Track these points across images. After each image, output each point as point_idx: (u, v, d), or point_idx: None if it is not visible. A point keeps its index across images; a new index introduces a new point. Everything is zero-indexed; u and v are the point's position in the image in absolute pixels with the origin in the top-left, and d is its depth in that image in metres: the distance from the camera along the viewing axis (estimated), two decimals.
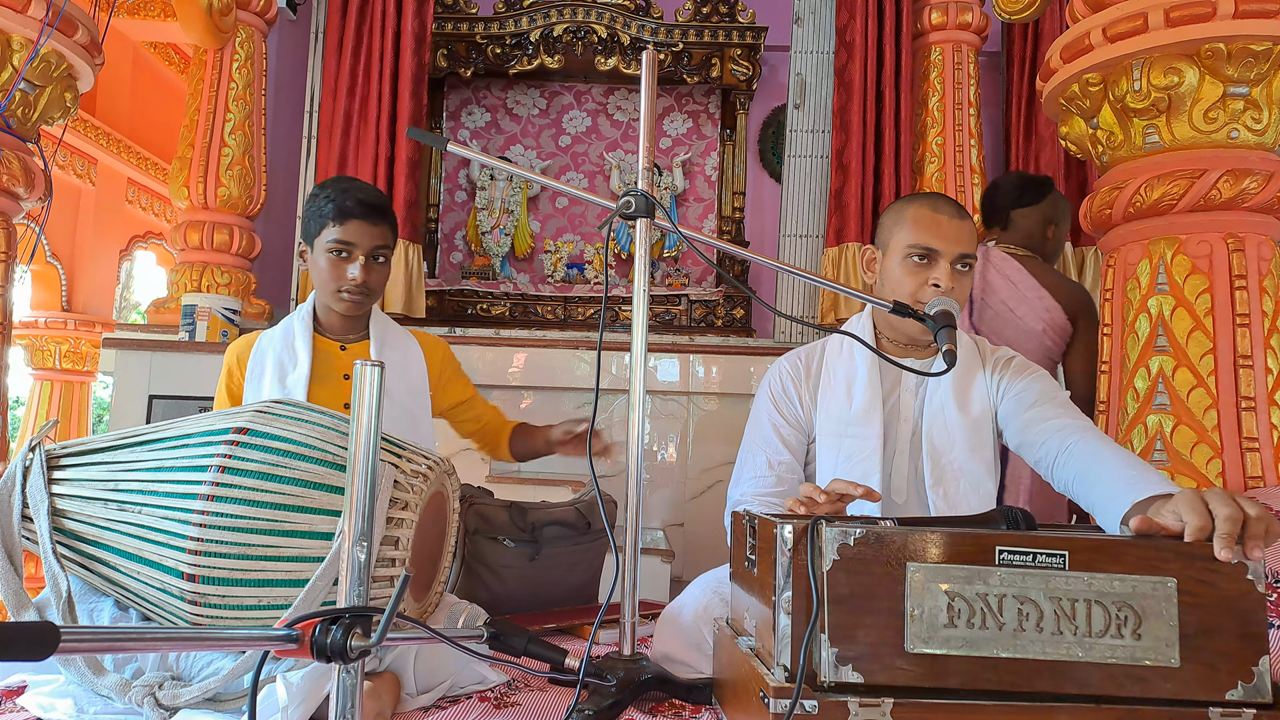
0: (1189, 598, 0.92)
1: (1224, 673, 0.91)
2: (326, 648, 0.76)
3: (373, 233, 1.64)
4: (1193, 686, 0.91)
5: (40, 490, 1.21)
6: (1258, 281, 1.82)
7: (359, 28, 3.58)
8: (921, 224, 1.49)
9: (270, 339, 1.72)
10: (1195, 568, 0.93)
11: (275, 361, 1.67)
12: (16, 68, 2.15)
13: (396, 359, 1.72)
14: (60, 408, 4.95)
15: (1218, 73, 1.79)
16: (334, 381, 1.68)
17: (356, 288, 1.64)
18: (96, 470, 1.24)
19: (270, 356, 1.68)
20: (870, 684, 0.91)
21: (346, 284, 1.63)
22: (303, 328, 1.70)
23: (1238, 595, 0.92)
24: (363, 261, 1.63)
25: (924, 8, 3.45)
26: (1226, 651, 0.91)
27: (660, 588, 2.57)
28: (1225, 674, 0.91)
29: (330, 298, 1.66)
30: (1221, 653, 0.91)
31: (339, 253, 1.63)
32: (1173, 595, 0.92)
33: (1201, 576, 0.93)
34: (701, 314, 3.85)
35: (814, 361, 1.63)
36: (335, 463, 1.19)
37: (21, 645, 0.57)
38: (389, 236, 1.68)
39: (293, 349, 1.68)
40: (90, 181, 4.91)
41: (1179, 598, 0.92)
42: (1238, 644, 0.92)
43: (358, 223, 1.62)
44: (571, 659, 1.16)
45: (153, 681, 1.13)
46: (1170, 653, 0.91)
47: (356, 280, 1.63)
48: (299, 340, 1.68)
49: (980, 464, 1.49)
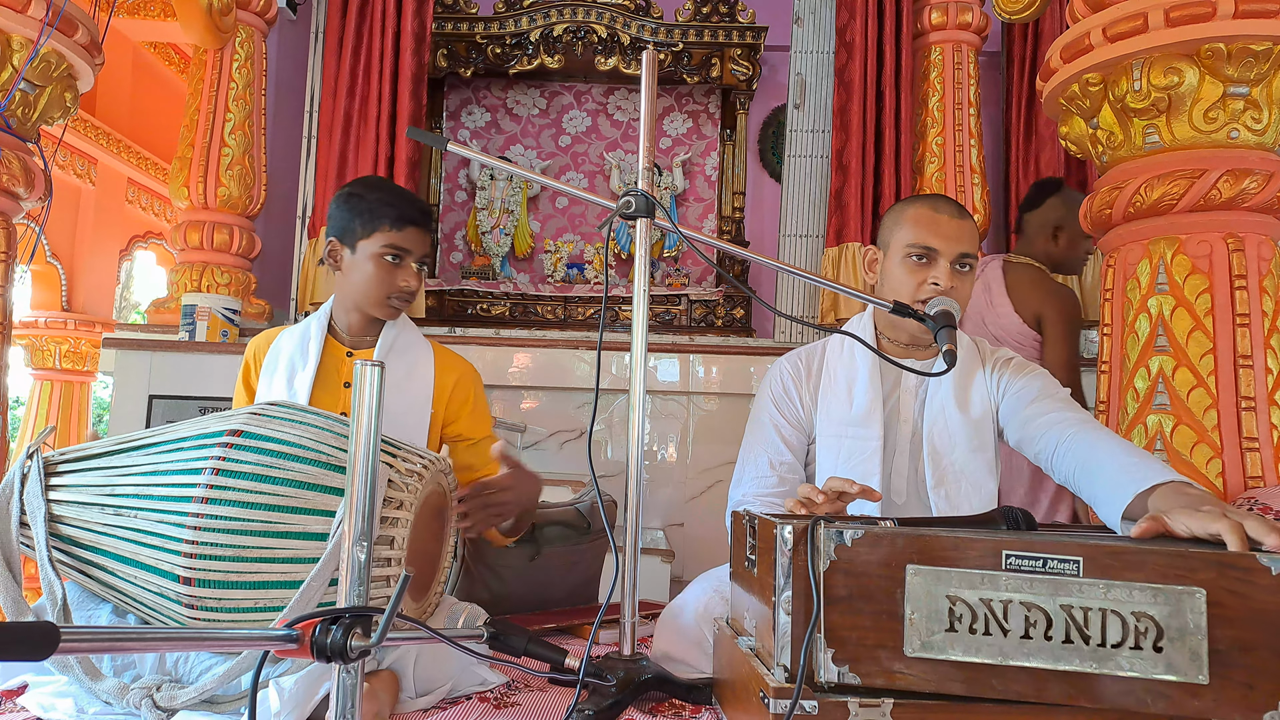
0: (1220, 610, 0.85)
1: (1261, 692, 0.83)
2: (326, 648, 0.76)
3: (424, 240, 1.64)
4: (1224, 706, 0.84)
5: (37, 498, 1.21)
6: (1258, 281, 1.82)
7: (359, 28, 3.58)
8: (921, 223, 1.49)
9: (289, 336, 1.71)
10: (1228, 578, 0.85)
11: (288, 360, 1.67)
12: (16, 68, 2.15)
13: (400, 368, 1.68)
14: (60, 408, 4.95)
15: (1218, 73, 1.79)
16: (335, 387, 1.67)
17: (409, 295, 1.63)
18: (93, 476, 1.23)
19: (285, 355, 1.68)
20: (868, 686, 0.91)
21: (398, 291, 1.62)
22: (318, 329, 1.69)
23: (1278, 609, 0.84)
24: (415, 270, 1.63)
25: (924, 8, 3.44)
26: (1264, 669, 0.84)
27: (660, 588, 2.57)
28: (1263, 693, 0.83)
29: (375, 303, 1.63)
30: (1258, 670, 0.84)
31: (394, 258, 1.61)
32: (1201, 607, 0.85)
33: (1235, 588, 0.85)
34: (701, 314, 3.85)
35: (815, 362, 1.63)
36: (329, 463, 1.19)
37: (21, 645, 0.57)
38: (431, 244, 1.69)
39: (305, 350, 1.67)
40: (90, 181, 4.91)
41: (1209, 610, 0.85)
42: (1277, 661, 0.84)
43: (415, 230, 1.61)
44: (571, 659, 1.16)
45: (150, 684, 1.13)
46: (1197, 669, 0.84)
47: (411, 288, 1.62)
48: (313, 342, 1.67)
49: (982, 464, 1.49)
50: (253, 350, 1.73)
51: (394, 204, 1.61)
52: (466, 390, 1.74)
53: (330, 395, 1.66)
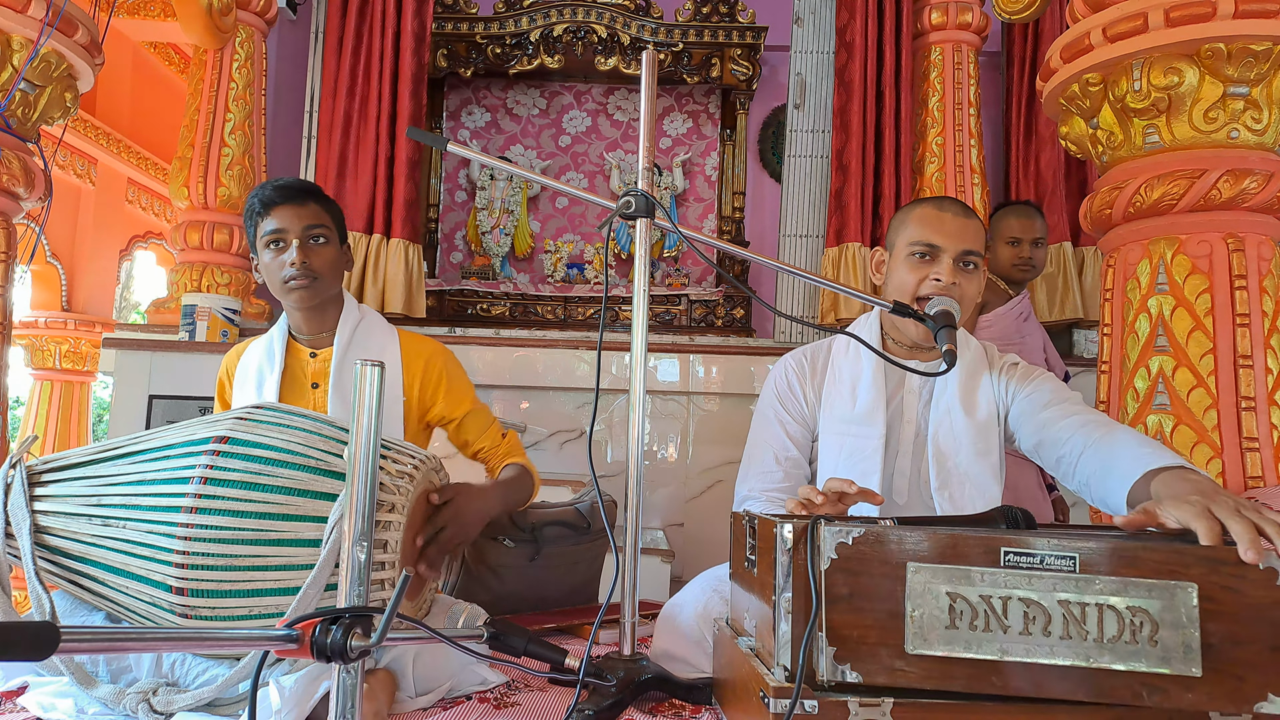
0: (1212, 604, 0.87)
1: (1252, 684, 0.86)
2: (327, 647, 0.76)
3: (301, 213, 1.59)
4: (1217, 699, 0.86)
5: (22, 509, 1.20)
6: (1258, 281, 1.82)
7: (359, 28, 3.58)
8: (925, 222, 1.50)
9: (256, 346, 1.71)
10: (1220, 574, 0.87)
11: (256, 369, 1.66)
12: (16, 68, 2.15)
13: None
14: (60, 408, 4.95)
15: (1218, 73, 1.79)
16: (304, 389, 1.66)
17: (300, 272, 1.57)
18: (78, 485, 1.22)
19: (253, 364, 1.68)
20: (869, 684, 0.91)
21: (287, 271, 1.57)
22: (279, 335, 1.68)
23: (1268, 604, 0.86)
24: (298, 244, 1.58)
25: (924, 8, 3.45)
26: (1254, 662, 0.86)
27: (660, 588, 2.57)
28: (1253, 685, 0.86)
29: (281, 293, 1.61)
30: (1249, 663, 0.86)
31: (275, 243, 1.59)
32: (1193, 602, 0.87)
33: (1227, 583, 0.87)
34: (701, 314, 3.85)
35: (820, 360, 1.63)
36: (319, 468, 1.18)
37: (21, 645, 0.57)
38: (322, 215, 1.61)
39: (271, 356, 1.66)
40: (90, 181, 4.91)
41: (1201, 605, 0.87)
42: (1268, 655, 0.86)
43: (282, 208, 1.58)
44: (571, 659, 1.16)
45: (147, 688, 1.13)
46: (1190, 662, 0.86)
47: (295, 262, 1.56)
48: (276, 346, 1.66)
49: (986, 467, 1.50)
50: (225, 366, 1.74)
51: (258, 194, 1.60)
52: (438, 370, 1.70)
53: (297, 398, 1.65)
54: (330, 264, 1.62)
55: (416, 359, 1.69)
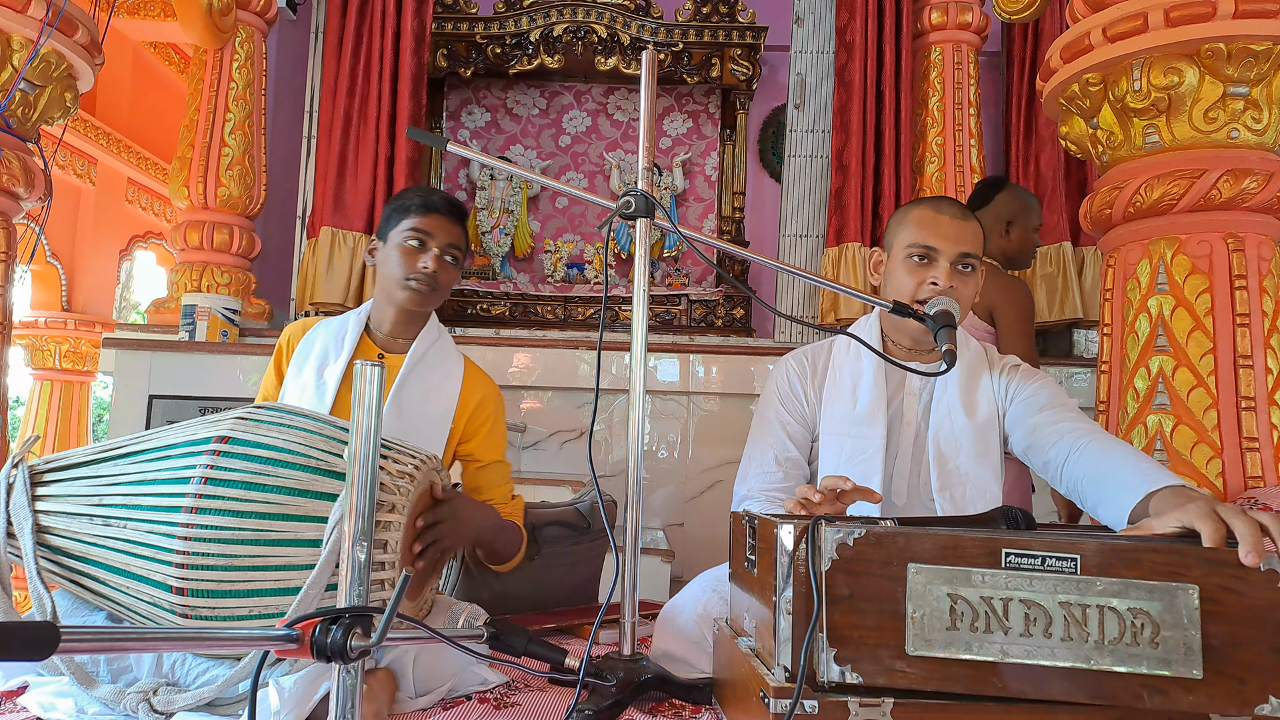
0: (1213, 606, 0.86)
1: (1253, 686, 0.85)
2: (327, 647, 0.76)
3: (451, 229, 1.64)
4: (1218, 700, 0.86)
5: (24, 508, 1.20)
6: (1258, 281, 1.82)
7: (359, 28, 3.58)
8: (923, 224, 1.49)
9: (325, 328, 1.71)
10: (1221, 575, 0.87)
11: (321, 351, 1.67)
12: (16, 68, 2.15)
13: (432, 379, 1.67)
14: (60, 408, 4.95)
15: (1218, 73, 1.79)
16: None
17: (427, 277, 1.61)
18: (80, 485, 1.22)
19: (318, 345, 1.68)
20: (870, 685, 0.91)
21: (416, 273, 1.61)
22: (356, 324, 1.70)
23: (1269, 605, 0.86)
24: (437, 253, 1.62)
25: (924, 8, 3.45)
26: (1256, 664, 0.86)
27: (660, 588, 2.57)
28: (1255, 687, 0.85)
29: (397, 288, 1.63)
30: (1250, 665, 0.86)
31: (416, 241, 1.62)
32: (1194, 603, 0.86)
33: (1228, 585, 0.87)
34: (701, 314, 3.85)
35: (820, 360, 1.63)
36: (319, 468, 1.18)
37: (21, 645, 0.57)
38: (464, 240, 1.68)
39: (340, 343, 1.67)
40: (90, 181, 4.91)
41: (1202, 606, 0.86)
42: (1269, 656, 0.86)
43: (439, 217, 1.63)
44: (571, 659, 1.16)
45: (147, 688, 1.13)
46: (1191, 664, 0.86)
47: (429, 270, 1.61)
48: (349, 335, 1.68)
49: (987, 468, 1.50)
50: (286, 337, 1.74)
51: (421, 194, 1.66)
52: (489, 411, 1.73)
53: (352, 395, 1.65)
54: (449, 284, 1.68)
55: (474, 392, 1.72)
